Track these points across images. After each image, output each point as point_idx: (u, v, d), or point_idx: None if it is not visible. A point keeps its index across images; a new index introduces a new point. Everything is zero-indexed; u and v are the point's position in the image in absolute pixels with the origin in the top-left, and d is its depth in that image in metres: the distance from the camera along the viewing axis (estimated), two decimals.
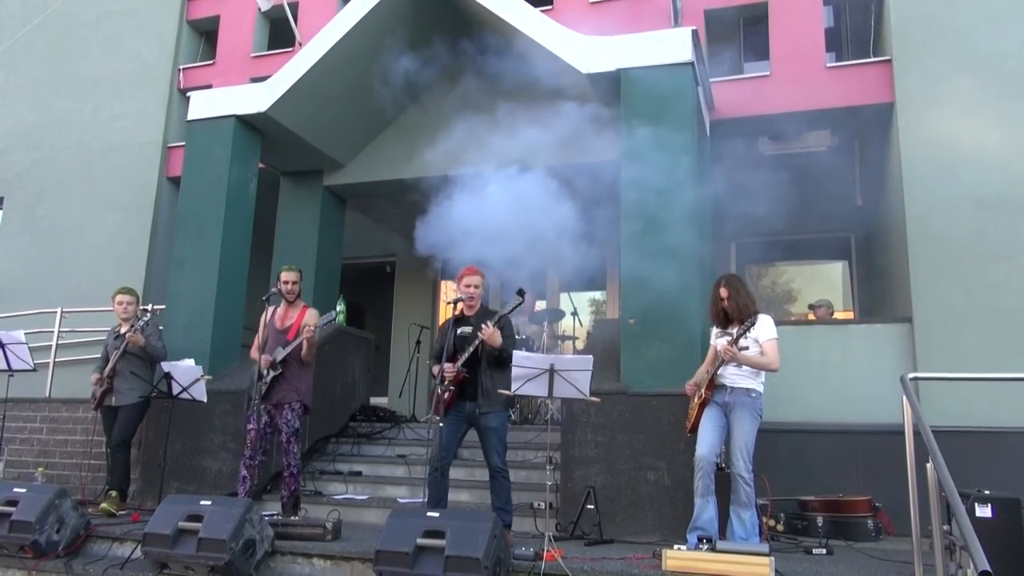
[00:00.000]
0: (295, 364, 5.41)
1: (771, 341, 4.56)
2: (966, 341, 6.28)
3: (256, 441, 5.31)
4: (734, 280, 4.78)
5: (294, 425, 5.36)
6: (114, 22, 10.71)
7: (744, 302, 4.62)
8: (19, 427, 7.55)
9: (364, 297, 10.70)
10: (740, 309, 4.60)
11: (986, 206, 6.47)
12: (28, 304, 9.23)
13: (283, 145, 7.91)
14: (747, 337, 4.54)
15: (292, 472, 5.39)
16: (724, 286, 4.72)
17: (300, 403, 5.40)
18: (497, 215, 5.67)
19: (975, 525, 2.77)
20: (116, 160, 10.08)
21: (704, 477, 4.50)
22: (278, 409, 5.37)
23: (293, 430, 5.36)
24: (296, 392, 5.39)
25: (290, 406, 5.36)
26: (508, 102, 7.58)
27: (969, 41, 6.86)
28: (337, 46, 7.20)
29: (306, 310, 5.59)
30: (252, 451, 5.32)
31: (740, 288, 4.70)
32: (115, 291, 6.25)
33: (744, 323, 4.55)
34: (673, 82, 6.06)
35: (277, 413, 5.38)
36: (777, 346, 4.58)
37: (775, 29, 7.98)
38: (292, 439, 5.36)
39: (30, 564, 4.77)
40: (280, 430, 5.38)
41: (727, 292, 4.69)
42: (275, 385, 5.35)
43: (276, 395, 5.35)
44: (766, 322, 4.61)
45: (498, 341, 4.81)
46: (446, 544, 3.92)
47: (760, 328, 4.57)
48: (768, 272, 9.67)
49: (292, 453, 5.36)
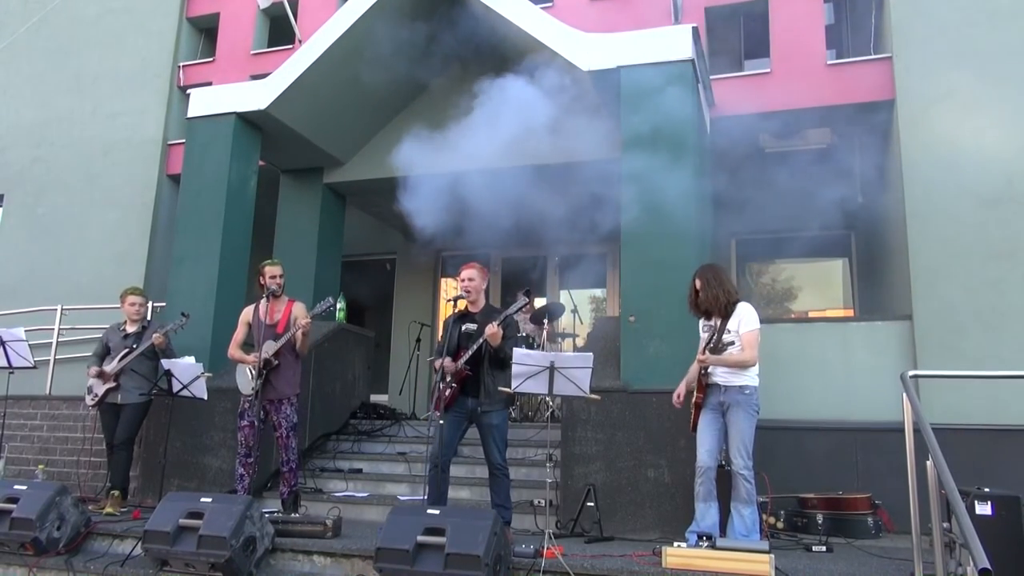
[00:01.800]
0: (288, 358, 5.43)
1: (751, 332, 4.51)
2: (966, 338, 6.27)
3: (251, 438, 5.32)
4: (707, 271, 4.75)
5: (292, 420, 5.39)
6: (114, 19, 10.69)
7: (715, 293, 4.58)
8: (20, 424, 7.56)
9: (364, 294, 10.69)
10: (711, 300, 4.58)
11: (986, 203, 6.46)
12: (28, 301, 9.23)
13: (283, 142, 7.91)
14: (728, 332, 4.52)
15: (291, 467, 5.41)
16: (698, 276, 4.72)
17: (297, 396, 5.43)
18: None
19: (975, 523, 2.77)
20: (116, 157, 10.07)
21: (706, 483, 4.50)
22: (274, 405, 5.38)
23: (292, 425, 5.39)
24: (292, 386, 5.42)
25: (288, 400, 5.38)
26: (508, 99, 7.58)
27: (970, 38, 6.85)
28: (337, 43, 7.19)
29: (292, 304, 5.61)
30: (247, 448, 5.34)
31: (712, 279, 4.65)
32: (126, 291, 6.23)
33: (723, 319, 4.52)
34: (673, 79, 6.05)
35: (273, 409, 5.39)
36: (757, 337, 4.53)
37: (775, 26, 7.97)
38: (291, 434, 5.38)
39: (31, 561, 4.77)
40: (279, 425, 5.39)
41: (700, 283, 4.68)
42: (270, 380, 5.36)
43: (272, 391, 5.36)
44: (746, 312, 4.56)
45: (499, 340, 4.81)
46: (446, 541, 3.92)
47: (740, 318, 4.54)
48: (768, 269, 9.66)
49: (291, 448, 5.38)
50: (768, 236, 9.19)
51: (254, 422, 5.33)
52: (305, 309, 5.56)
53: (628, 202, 5.93)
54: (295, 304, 5.62)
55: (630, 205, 5.92)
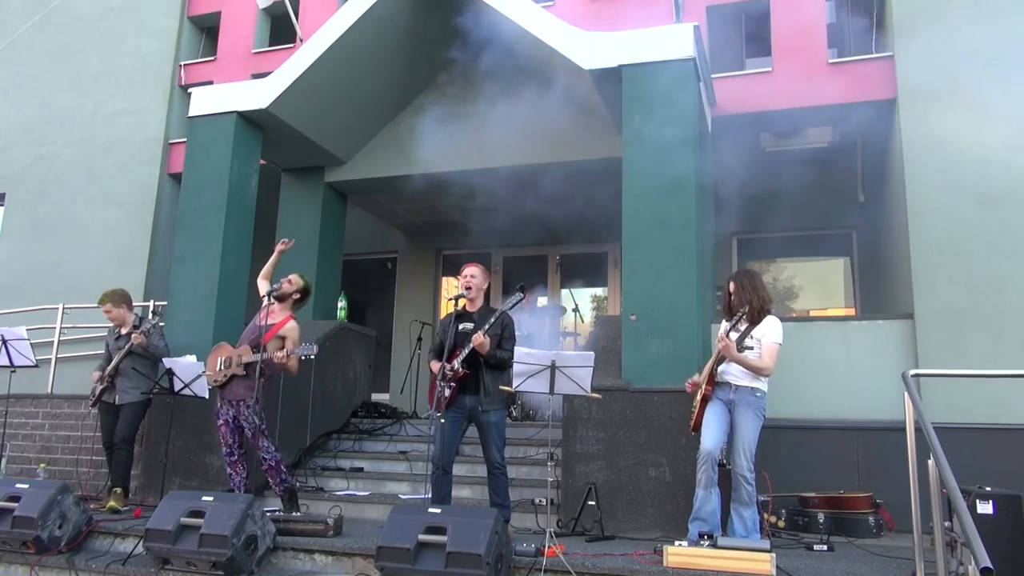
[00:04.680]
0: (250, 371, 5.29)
1: (772, 345, 4.56)
2: (968, 337, 6.26)
3: (228, 435, 5.30)
4: (742, 276, 4.81)
5: (253, 421, 5.24)
6: (115, 18, 10.69)
7: (748, 297, 4.60)
8: (21, 423, 7.57)
9: (365, 293, 10.70)
10: (742, 304, 4.60)
11: (988, 202, 6.45)
12: (30, 300, 9.25)
13: (284, 141, 7.91)
14: (752, 337, 4.56)
15: (269, 465, 5.28)
16: (732, 280, 4.79)
17: (256, 400, 5.23)
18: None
19: (976, 522, 2.76)
20: (117, 156, 10.08)
21: (708, 470, 4.51)
22: (234, 406, 5.32)
23: (254, 426, 5.24)
24: (247, 390, 5.27)
25: (245, 403, 5.26)
26: (509, 98, 7.58)
27: (971, 37, 6.83)
28: (338, 42, 7.19)
29: (289, 320, 5.47)
30: (227, 447, 5.32)
31: (747, 284, 4.69)
32: (99, 299, 6.20)
33: (749, 324, 4.54)
34: (675, 78, 6.04)
35: (236, 411, 5.32)
36: (777, 352, 4.58)
37: (777, 24, 7.96)
38: (257, 435, 5.26)
39: (32, 560, 4.78)
40: (243, 427, 5.32)
41: (733, 287, 4.73)
42: (232, 382, 5.33)
43: (232, 392, 5.32)
44: (773, 324, 4.62)
45: (487, 349, 4.81)
46: (448, 540, 3.92)
47: (766, 329, 4.58)
48: (770, 268, 9.65)
49: (263, 447, 5.27)
50: (769, 235, 9.18)
51: (228, 420, 5.30)
52: (296, 331, 5.40)
53: (629, 200, 5.93)
54: (290, 323, 5.44)
55: (631, 203, 5.92)
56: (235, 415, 5.32)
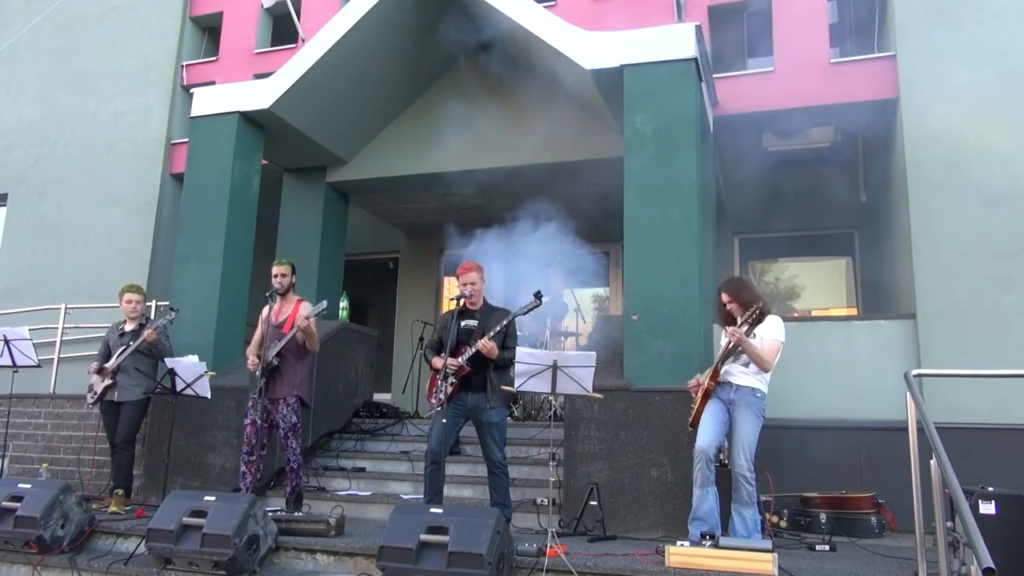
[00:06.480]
0: (291, 358, 5.45)
1: (773, 341, 4.59)
2: (970, 337, 6.25)
3: (253, 436, 5.33)
4: (731, 284, 4.85)
5: (290, 420, 5.40)
6: (117, 18, 10.71)
7: (749, 297, 4.61)
8: (23, 423, 7.58)
9: (367, 293, 10.71)
10: (745, 305, 4.60)
11: (990, 202, 6.44)
12: (32, 300, 9.27)
13: (286, 141, 7.91)
14: (755, 335, 4.57)
15: (293, 467, 5.43)
16: (723, 291, 4.79)
17: (296, 397, 5.44)
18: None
19: (979, 522, 2.76)
20: (119, 156, 10.09)
21: (704, 468, 4.51)
22: (274, 404, 5.40)
23: (290, 425, 5.40)
24: (291, 387, 5.43)
25: (285, 401, 5.40)
26: (511, 98, 7.58)
27: (974, 36, 6.82)
28: (340, 42, 7.19)
29: (300, 304, 5.64)
30: (249, 447, 5.35)
31: (740, 289, 4.74)
32: (123, 288, 6.21)
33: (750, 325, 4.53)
34: (676, 78, 6.04)
35: (274, 409, 5.41)
36: (779, 349, 4.60)
37: (778, 24, 7.95)
38: (290, 434, 5.40)
39: (35, 559, 4.79)
40: (277, 425, 5.41)
41: (727, 296, 4.74)
42: (272, 380, 5.38)
43: (273, 390, 5.38)
44: (775, 323, 4.65)
45: (495, 355, 4.83)
46: (449, 540, 3.92)
47: (768, 327, 4.60)
48: (771, 268, 9.65)
49: (291, 448, 5.40)
50: (771, 234, 9.18)
51: (256, 420, 5.35)
52: (309, 307, 5.57)
53: (631, 200, 5.93)
54: (302, 304, 5.64)
55: (633, 203, 5.92)
56: (269, 413, 5.39)
